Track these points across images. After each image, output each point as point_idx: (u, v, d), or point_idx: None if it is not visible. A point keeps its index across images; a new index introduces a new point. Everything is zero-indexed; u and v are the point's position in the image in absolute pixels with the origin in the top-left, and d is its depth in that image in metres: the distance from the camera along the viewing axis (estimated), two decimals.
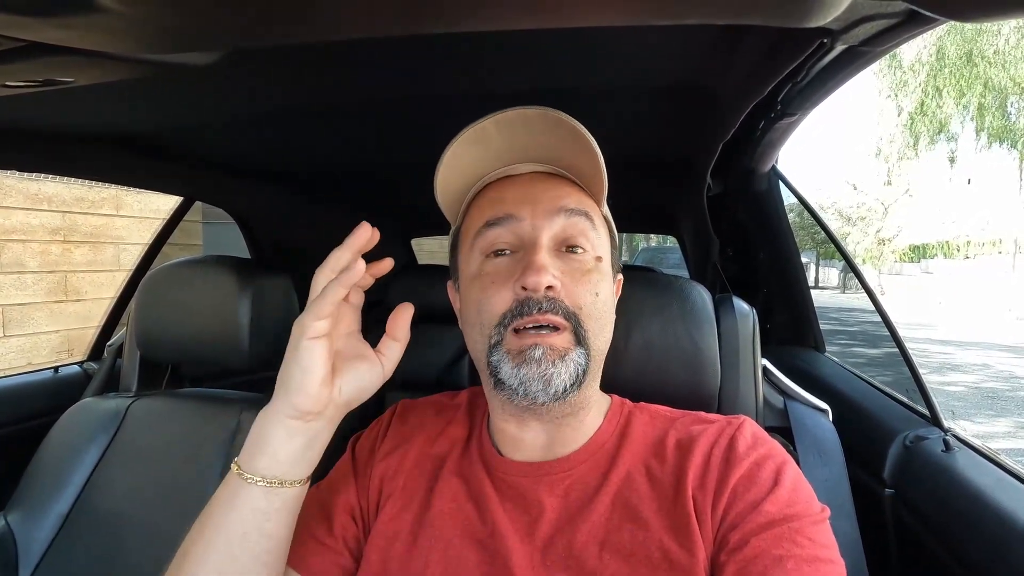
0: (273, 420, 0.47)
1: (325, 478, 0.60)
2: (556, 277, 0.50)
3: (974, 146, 15.14)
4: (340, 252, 0.48)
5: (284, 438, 0.47)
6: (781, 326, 1.40)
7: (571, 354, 0.50)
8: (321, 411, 0.47)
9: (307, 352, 0.46)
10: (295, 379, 0.46)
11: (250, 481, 0.46)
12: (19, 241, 2.96)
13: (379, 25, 0.49)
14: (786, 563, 0.42)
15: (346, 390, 0.49)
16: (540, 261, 0.49)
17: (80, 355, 1.45)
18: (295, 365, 0.46)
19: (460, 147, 0.54)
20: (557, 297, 0.50)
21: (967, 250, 24.17)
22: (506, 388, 0.50)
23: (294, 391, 0.46)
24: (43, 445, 0.99)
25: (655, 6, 0.44)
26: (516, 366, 0.49)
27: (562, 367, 0.49)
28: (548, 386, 0.49)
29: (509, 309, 0.50)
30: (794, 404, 0.80)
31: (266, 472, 0.46)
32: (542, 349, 0.49)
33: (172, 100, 0.84)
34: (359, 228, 0.48)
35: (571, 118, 0.51)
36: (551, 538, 0.49)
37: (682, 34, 0.66)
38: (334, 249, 0.48)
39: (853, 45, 0.57)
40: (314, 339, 0.46)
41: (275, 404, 0.47)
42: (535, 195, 0.54)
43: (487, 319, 0.51)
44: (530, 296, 0.49)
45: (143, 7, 0.42)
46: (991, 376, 5.88)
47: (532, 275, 0.49)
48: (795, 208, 1.52)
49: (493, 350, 0.51)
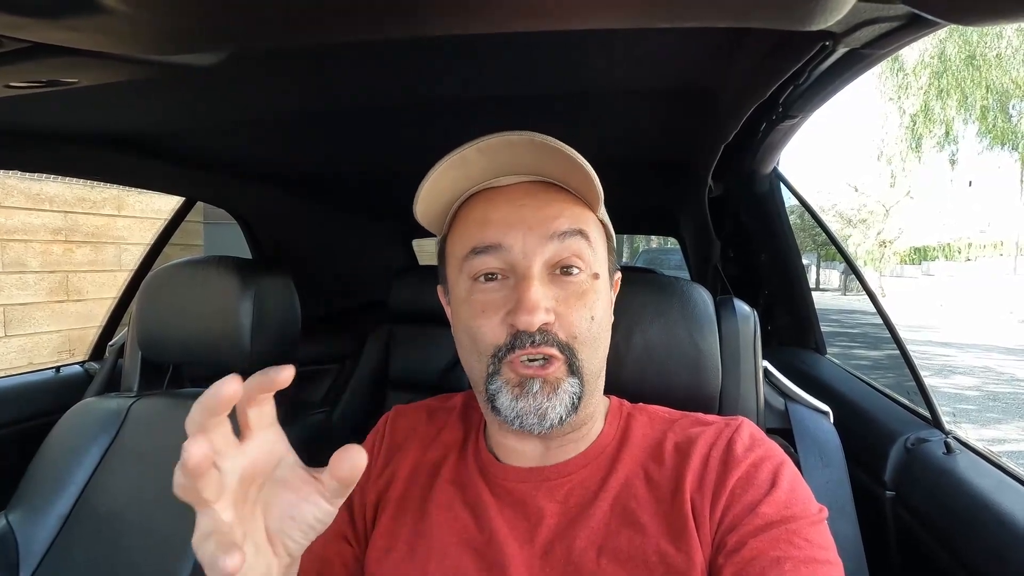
0: None
1: None
2: (549, 310, 0.48)
3: (975, 149, 15.16)
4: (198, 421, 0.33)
5: None
6: (782, 328, 1.40)
7: (563, 385, 0.49)
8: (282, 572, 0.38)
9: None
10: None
11: None
12: (21, 241, 2.97)
13: (379, 28, 0.49)
14: (784, 564, 0.42)
15: (292, 546, 0.38)
16: (532, 299, 0.47)
17: (81, 355, 1.45)
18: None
19: (440, 173, 0.51)
20: (551, 330, 0.48)
21: (968, 252, 24.15)
22: (501, 415, 0.50)
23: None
24: (44, 445, 0.99)
25: (656, 9, 0.44)
26: (514, 398, 0.49)
27: (556, 400, 0.49)
28: (543, 420, 0.48)
29: (503, 343, 0.49)
30: (795, 406, 0.80)
31: None
32: (539, 383, 0.48)
33: (175, 101, 0.84)
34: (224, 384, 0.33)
35: (559, 142, 0.49)
36: (550, 544, 0.49)
37: (684, 37, 0.66)
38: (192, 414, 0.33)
39: (855, 48, 0.57)
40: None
41: None
42: (524, 217, 0.50)
43: (482, 349, 0.50)
44: (522, 332, 0.48)
45: (147, 9, 0.42)
46: (992, 379, 5.87)
47: (524, 315, 0.47)
48: (796, 210, 1.52)
49: (491, 379, 0.50)
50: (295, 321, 1.05)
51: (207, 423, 0.33)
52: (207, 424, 0.33)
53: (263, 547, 0.36)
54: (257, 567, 0.35)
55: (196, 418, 0.33)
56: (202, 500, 0.33)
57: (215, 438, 0.33)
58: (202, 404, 0.33)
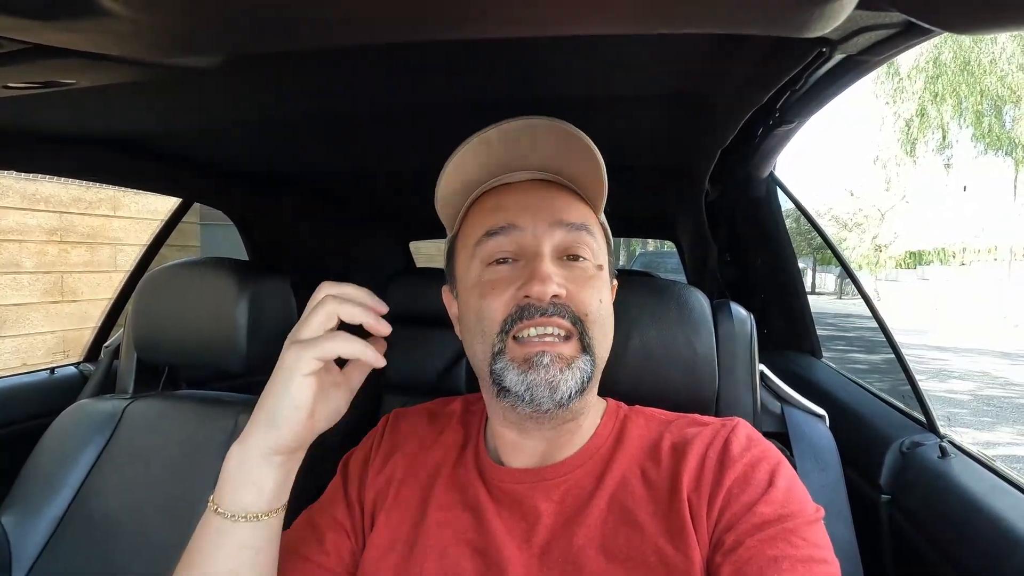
0: (255, 455, 0.46)
1: (317, 500, 0.59)
2: (561, 285, 0.49)
3: (970, 154, 15.25)
4: (364, 303, 0.47)
5: (268, 472, 0.46)
6: (778, 331, 1.40)
7: (577, 362, 0.50)
8: (304, 443, 0.47)
9: (301, 388, 0.44)
10: (283, 414, 0.45)
11: (235, 519, 0.45)
12: (15, 241, 2.95)
13: (378, 32, 0.49)
14: (781, 563, 0.43)
15: (322, 418, 0.48)
16: (545, 270, 0.49)
17: (76, 356, 1.44)
18: (286, 399, 0.45)
19: (463, 156, 0.53)
20: (563, 303, 0.50)
21: (963, 257, 24.27)
22: (510, 395, 0.50)
23: (281, 426, 0.45)
24: (39, 447, 0.98)
25: (653, 15, 0.45)
26: (522, 372, 0.49)
27: (569, 375, 0.49)
28: (555, 393, 0.49)
29: (510, 315, 0.50)
30: (791, 410, 0.81)
31: (252, 507, 0.46)
32: (549, 356, 0.49)
33: (173, 103, 0.84)
34: (381, 305, 0.49)
35: (577, 129, 0.51)
36: (548, 543, 0.49)
37: (681, 43, 0.66)
38: (359, 292, 0.48)
39: (851, 54, 0.58)
40: (311, 375, 0.45)
41: (256, 438, 0.46)
42: (535, 204, 0.53)
43: (488, 327, 0.51)
44: (532, 303, 0.49)
45: (146, 12, 0.42)
46: (987, 383, 5.90)
47: (537, 284, 0.48)
48: (792, 214, 1.52)
49: (496, 358, 0.50)
50: (292, 323, 1.03)
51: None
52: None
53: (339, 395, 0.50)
54: (338, 402, 0.50)
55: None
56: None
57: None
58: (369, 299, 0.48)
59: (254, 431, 0.46)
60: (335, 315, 0.46)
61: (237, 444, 0.46)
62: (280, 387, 0.45)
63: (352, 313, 0.46)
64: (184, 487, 0.86)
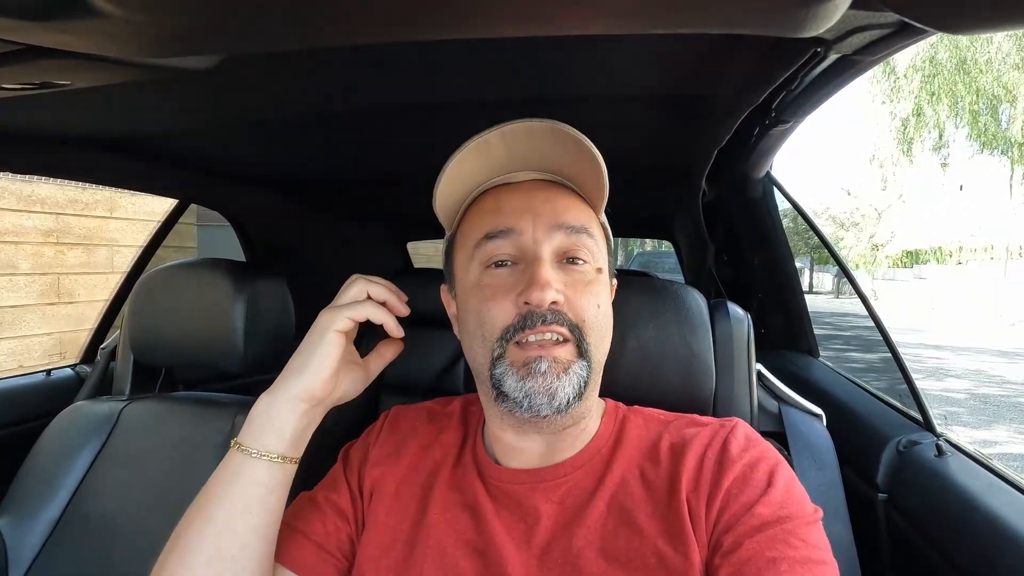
0: (281, 399, 0.51)
1: (317, 485, 0.60)
2: (559, 291, 0.49)
3: (966, 153, 15.32)
4: (391, 290, 0.57)
5: (291, 418, 0.51)
6: (775, 331, 1.41)
7: (574, 367, 0.50)
8: (324, 399, 0.53)
9: (331, 343, 0.52)
10: (312, 364, 0.52)
11: (255, 456, 0.50)
12: (11, 243, 2.94)
13: (376, 32, 0.49)
14: (779, 564, 0.43)
15: (341, 387, 0.55)
16: (544, 276, 0.49)
17: (72, 358, 1.44)
18: (316, 351, 0.52)
19: (462, 157, 0.53)
20: (561, 310, 0.50)
21: (959, 256, 24.35)
22: (509, 401, 0.50)
23: (309, 375, 0.51)
24: (35, 449, 0.98)
25: (650, 15, 0.45)
26: (521, 379, 0.49)
27: (566, 380, 0.49)
28: (552, 399, 0.49)
29: (512, 323, 0.50)
30: (788, 409, 0.81)
31: (272, 448, 0.50)
32: (547, 362, 0.49)
33: (169, 104, 0.84)
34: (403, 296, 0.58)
35: (577, 131, 0.51)
36: (548, 544, 0.49)
37: (677, 43, 0.66)
38: (386, 281, 0.58)
39: (846, 54, 0.58)
40: (341, 332, 0.52)
41: (284, 385, 0.52)
42: (535, 206, 0.53)
43: (489, 332, 0.51)
44: (532, 310, 0.49)
45: (141, 12, 0.42)
46: (984, 381, 5.92)
47: (536, 291, 0.48)
48: (789, 213, 1.53)
49: (496, 363, 0.50)
50: (289, 324, 1.04)
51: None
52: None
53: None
54: (355, 381, 0.57)
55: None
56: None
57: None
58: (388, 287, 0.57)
59: (284, 379, 0.52)
60: (365, 291, 0.56)
61: (266, 393, 0.52)
62: (315, 339, 0.52)
63: (378, 292, 0.56)
64: (181, 488, 0.85)
